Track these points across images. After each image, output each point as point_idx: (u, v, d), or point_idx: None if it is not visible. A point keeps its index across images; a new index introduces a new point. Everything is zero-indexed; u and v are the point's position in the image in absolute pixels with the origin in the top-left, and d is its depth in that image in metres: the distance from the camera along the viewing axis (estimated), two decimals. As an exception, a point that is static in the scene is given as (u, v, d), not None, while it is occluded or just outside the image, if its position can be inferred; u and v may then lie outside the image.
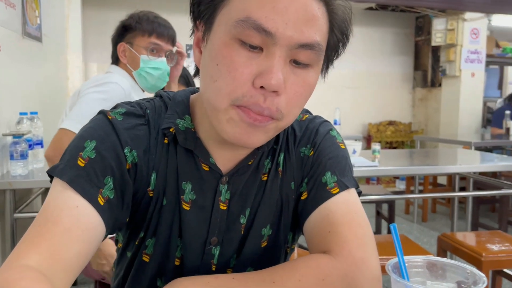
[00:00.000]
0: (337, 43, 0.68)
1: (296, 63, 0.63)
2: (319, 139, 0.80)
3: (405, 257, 0.58)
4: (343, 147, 0.82)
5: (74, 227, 0.63)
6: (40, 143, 2.22)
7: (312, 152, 0.80)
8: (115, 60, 1.74)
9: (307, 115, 0.85)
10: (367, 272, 0.67)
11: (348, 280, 0.66)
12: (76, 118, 1.47)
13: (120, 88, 1.56)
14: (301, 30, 0.60)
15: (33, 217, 1.94)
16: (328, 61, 0.71)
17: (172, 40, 1.73)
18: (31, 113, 2.21)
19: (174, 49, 1.79)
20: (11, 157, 1.97)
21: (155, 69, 1.69)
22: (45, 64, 2.77)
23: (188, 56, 5.12)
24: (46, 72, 2.80)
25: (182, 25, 2.03)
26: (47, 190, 2.52)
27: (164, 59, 1.71)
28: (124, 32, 1.69)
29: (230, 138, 0.65)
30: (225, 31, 0.62)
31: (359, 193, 0.80)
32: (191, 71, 2.31)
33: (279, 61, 0.60)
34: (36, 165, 2.16)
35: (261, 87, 0.60)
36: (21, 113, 2.12)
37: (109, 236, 0.96)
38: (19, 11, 2.24)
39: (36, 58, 2.57)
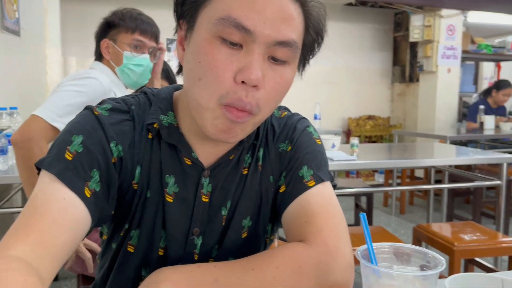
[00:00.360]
0: (313, 43, 0.72)
1: (274, 59, 0.66)
2: (297, 135, 0.83)
3: (374, 244, 0.61)
4: (319, 142, 0.85)
5: (61, 218, 0.64)
6: (18, 139, 2.21)
7: (290, 148, 0.83)
8: (99, 57, 1.73)
9: (286, 112, 0.88)
10: (340, 260, 0.70)
11: (322, 267, 0.69)
12: (49, 106, 1.46)
13: (99, 83, 1.55)
14: (278, 28, 0.63)
15: (13, 212, 1.98)
16: (304, 60, 0.74)
17: (155, 37, 1.73)
18: (11, 108, 2.18)
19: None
20: (-9, 152, 1.97)
21: (138, 65, 1.69)
22: (23, 58, 2.73)
23: (169, 50, 5.11)
24: (24, 66, 2.77)
25: (163, 18, 2.04)
26: (27, 186, 2.52)
27: (147, 55, 1.71)
28: (107, 29, 1.69)
29: (212, 134, 0.68)
30: (207, 29, 0.64)
31: (334, 186, 0.83)
32: (172, 65, 2.32)
33: (258, 58, 0.63)
34: (14, 161, 2.15)
35: (242, 82, 0.63)
36: (0, 108, 2.11)
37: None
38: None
39: (14, 52, 2.53)
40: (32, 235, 0.62)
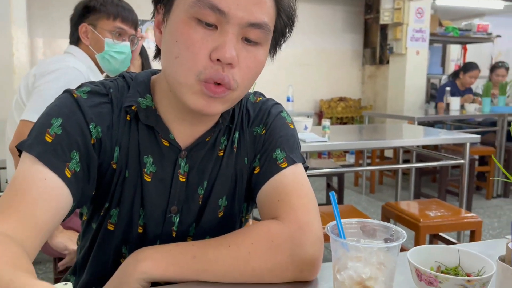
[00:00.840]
0: (284, 27, 0.75)
1: (247, 40, 0.69)
2: (271, 119, 0.86)
3: (342, 220, 0.65)
4: (292, 126, 0.89)
5: (43, 197, 0.66)
6: (-15, 124, 2.15)
7: (264, 131, 0.85)
8: (75, 41, 1.67)
9: (261, 98, 0.91)
10: (310, 234, 0.74)
11: (294, 242, 0.73)
12: (34, 108, 1.42)
13: (78, 72, 1.52)
14: (251, 11, 0.66)
15: None
16: (276, 44, 0.77)
17: (135, 24, 1.71)
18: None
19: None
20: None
21: (120, 53, 1.67)
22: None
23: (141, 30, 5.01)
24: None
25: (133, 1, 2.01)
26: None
27: (127, 43, 1.69)
28: (86, 13, 1.63)
29: (193, 107, 0.70)
30: (183, 10, 0.67)
31: (306, 168, 0.87)
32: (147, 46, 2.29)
33: (231, 38, 0.66)
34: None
35: (218, 60, 0.66)
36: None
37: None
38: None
39: None
40: (14, 214, 0.64)
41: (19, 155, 0.71)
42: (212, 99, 0.69)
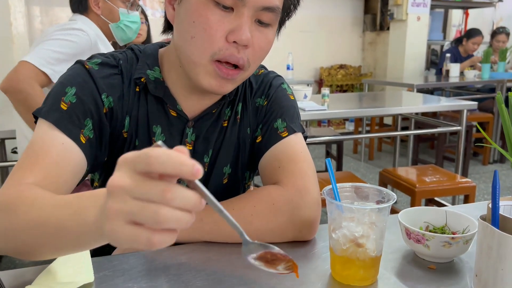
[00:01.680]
0: (290, 6, 0.77)
1: (260, 22, 0.71)
2: (272, 91, 0.89)
3: (338, 185, 0.68)
4: (292, 98, 0.91)
5: (62, 160, 0.69)
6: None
7: (266, 102, 0.88)
8: (83, 9, 1.64)
9: (263, 70, 0.93)
10: (308, 198, 0.78)
11: (293, 204, 0.76)
12: (37, 53, 1.43)
13: (87, 36, 1.52)
14: None
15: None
16: (282, 22, 0.79)
17: None
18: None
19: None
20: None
21: (133, 22, 1.67)
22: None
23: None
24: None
25: None
26: (1, 141, 2.50)
27: (137, 13, 1.69)
28: None
29: (206, 87, 0.73)
30: None
31: (306, 137, 0.89)
32: None
33: (247, 20, 0.69)
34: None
35: (234, 42, 0.69)
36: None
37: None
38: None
39: None
40: (38, 172, 0.67)
41: (35, 122, 0.73)
42: (225, 80, 0.72)
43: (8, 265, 2.40)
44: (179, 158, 0.41)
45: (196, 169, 0.42)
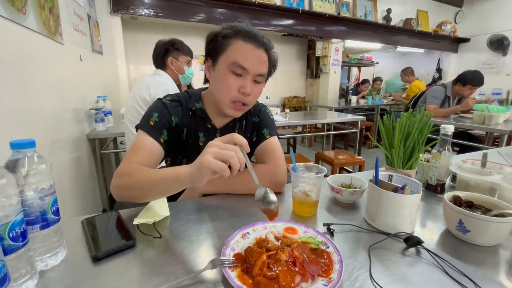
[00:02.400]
0: (271, 70, 0.76)
1: (255, 81, 0.71)
2: (261, 113, 0.87)
3: (297, 164, 0.68)
4: (272, 117, 0.89)
5: (150, 151, 0.69)
6: (109, 113, 2.14)
7: (258, 119, 0.87)
8: (163, 66, 1.56)
9: (257, 102, 0.91)
10: (280, 170, 0.77)
11: (273, 173, 0.76)
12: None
13: (174, 87, 1.48)
14: (259, 68, 0.68)
15: (110, 153, 1.99)
16: (267, 78, 0.77)
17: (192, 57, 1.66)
18: (103, 96, 2.11)
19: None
20: (95, 121, 1.92)
21: (191, 74, 1.61)
22: (105, 67, 2.57)
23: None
24: (107, 72, 2.62)
25: (193, 41, 1.95)
26: (115, 138, 2.48)
27: (192, 68, 1.63)
28: (172, 50, 1.54)
29: (228, 114, 0.72)
30: (225, 66, 0.68)
31: (279, 138, 0.88)
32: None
33: (249, 81, 0.68)
34: (108, 125, 2.10)
35: (242, 92, 0.68)
36: (98, 96, 2.03)
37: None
38: (89, 37, 2.07)
39: (101, 64, 2.37)
40: (139, 157, 0.67)
41: (136, 131, 0.72)
42: (238, 111, 0.72)
43: (119, 208, 2.39)
44: (243, 140, 0.52)
45: (246, 144, 0.52)
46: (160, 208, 0.66)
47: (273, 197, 0.54)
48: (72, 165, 1.55)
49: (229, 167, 0.50)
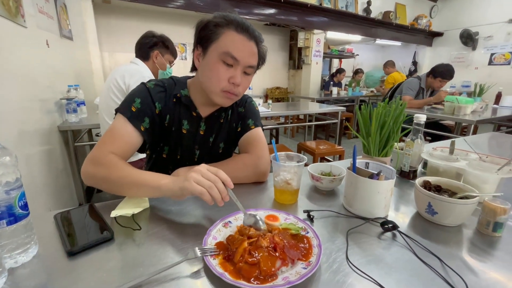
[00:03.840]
0: (260, 62, 0.74)
1: (245, 73, 0.69)
2: (246, 104, 0.86)
3: (278, 153, 0.69)
4: (257, 108, 0.89)
5: (128, 141, 0.67)
6: (83, 103, 2.02)
7: (243, 110, 0.85)
8: (145, 57, 1.50)
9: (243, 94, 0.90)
10: (263, 160, 0.78)
11: (256, 164, 0.77)
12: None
13: (149, 76, 1.42)
14: (249, 59, 0.67)
15: (84, 145, 1.92)
16: (256, 70, 0.76)
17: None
18: (75, 85, 1.99)
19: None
20: (67, 111, 1.82)
21: (170, 73, 1.56)
22: (76, 53, 2.40)
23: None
24: (78, 59, 2.45)
25: (172, 28, 1.87)
26: (90, 130, 2.36)
27: (172, 68, 1.60)
28: (161, 45, 1.49)
29: (218, 103, 0.71)
30: (216, 55, 0.66)
31: (263, 129, 0.88)
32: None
33: (239, 72, 0.67)
34: (82, 116, 1.99)
35: (232, 83, 0.67)
36: (69, 85, 1.91)
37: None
38: (56, 20, 1.92)
39: (71, 50, 2.20)
40: (116, 146, 0.65)
41: (116, 113, 0.70)
42: (227, 100, 0.70)
43: (98, 200, 2.31)
44: (226, 177, 0.56)
45: (229, 181, 0.56)
46: (140, 200, 0.65)
47: (262, 225, 0.54)
48: (43, 158, 1.47)
49: None
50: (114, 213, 0.58)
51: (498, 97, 3.14)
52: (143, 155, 1.47)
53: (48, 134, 1.57)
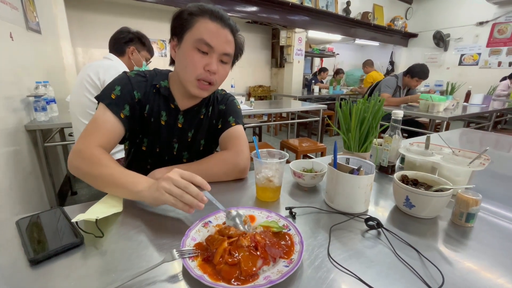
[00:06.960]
0: (237, 53, 0.74)
1: (222, 61, 0.69)
2: (228, 101, 0.86)
3: (260, 150, 0.68)
4: (239, 106, 0.88)
5: (111, 130, 0.67)
6: (53, 101, 1.90)
7: (224, 107, 0.85)
8: (120, 53, 1.44)
9: (224, 92, 0.89)
10: (242, 156, 0.77)
11: (235, 160, 0.76)
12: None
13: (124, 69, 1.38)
14: (224, 47, 0.67)
15: (56, 145, 1.83)
16: (233, 62, 0.76)
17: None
18: (44, 82, 1.86)
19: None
20: (35, 109, 1.70)
21: (146, 69, 1.53)
22: (46, 49, 2.26)
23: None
24: (48, 54, 2.30)
25: (150, 24, 1.80)
26: (62, 129, 2.23)
27: (149, 65, 1.56)
28: (137, 42, 1.45)
29: (193, 93, 0.71)
30: (190, 43, 0.66)
31: (244, 128, 0.87)
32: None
33: (215, 60, 0.67)
34: (52, 114, 1.88)
35: (208, 70, 0.67)
36: (37, 82, 1.79)
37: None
38: (21, 12, 1.78)
39: (39, 45, 2.06)
40: (99, 135, 0.65)
41: (98, 102, 0.69)
42: (203, 90, 0.70)
43: (72, 203, 2.19)
44: (201, 180, 0.54)
45: (205, 184, 0.55)
46: (114, 202, 0.61)
47: (242, 227, 0.53)
48: (8, 160, 1.36)
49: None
50: (76, 218, 0.54)
51: (468, 96, 3.34)
52: (122, 155, 1.42)
53: (13, 134, 1.46)
